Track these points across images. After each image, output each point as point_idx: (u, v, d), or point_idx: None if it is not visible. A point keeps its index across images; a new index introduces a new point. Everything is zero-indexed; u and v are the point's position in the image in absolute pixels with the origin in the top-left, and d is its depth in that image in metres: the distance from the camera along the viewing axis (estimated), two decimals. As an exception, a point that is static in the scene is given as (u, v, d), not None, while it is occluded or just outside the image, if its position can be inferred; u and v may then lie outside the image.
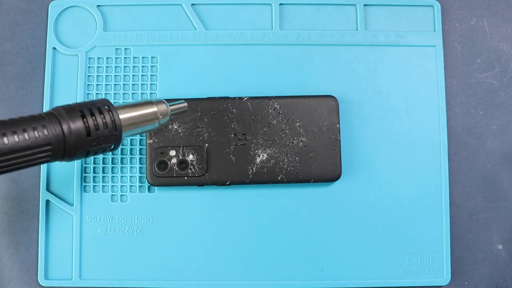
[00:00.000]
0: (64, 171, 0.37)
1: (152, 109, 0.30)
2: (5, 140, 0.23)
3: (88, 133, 0.26)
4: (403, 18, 0.39)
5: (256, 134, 0.36)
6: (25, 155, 0.24)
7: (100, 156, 0.37)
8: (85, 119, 0.26)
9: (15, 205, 0.37)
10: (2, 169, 0.24)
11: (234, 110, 0.36)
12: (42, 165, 0.36)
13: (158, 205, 0.37)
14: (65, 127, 0.25)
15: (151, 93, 0.37)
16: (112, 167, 0.37)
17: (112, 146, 0.28)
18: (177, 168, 0.35)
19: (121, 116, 0.28)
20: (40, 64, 0.38)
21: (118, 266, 0.36)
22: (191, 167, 0.35)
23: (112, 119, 0.27)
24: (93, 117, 0.26)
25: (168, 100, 0.32)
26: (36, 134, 0.24)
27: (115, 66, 0.38)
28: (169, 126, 0.36)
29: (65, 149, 0.25)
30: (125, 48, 0.38)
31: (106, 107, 0.27)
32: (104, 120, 0.27)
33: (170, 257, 0.36)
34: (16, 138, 0.24)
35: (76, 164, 0.37)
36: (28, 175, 0.37)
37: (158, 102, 0.31)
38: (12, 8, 0.39)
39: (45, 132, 0.25)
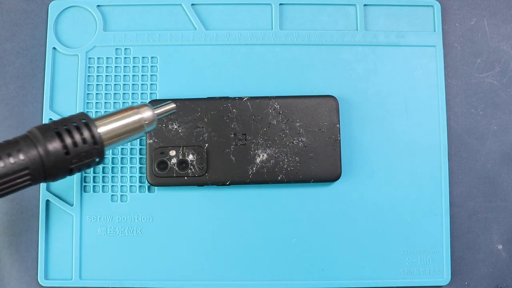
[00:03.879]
0: (64, 171, 0.37)
1: (136, 116, 0.28)
2: None
3: (67, 152, 0.25)
4: (403, 18, 0.39)
5: (256, 134, 0.36)
6: (3, 182, 0.24)
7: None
8: (62, 138, 0.25)
9: (15, 205, 0.37)
10: None
11: (234, 110, 0.36)
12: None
13: (158, 205, 0.37)
14: (41, 149, 0.24)
15: (151, 93, 0.37)
16: (112, 167, 0.37)
17: (97, 160, 0.27)
18: (177, 168, 0.35)
19: (102, 129, 0.26)
20: (40, 64, 0.38)
21: (118, 266, 0.36)
22: (191, 167, 0.35)
23: (91, 133, 0.26)
24: (71, 134, 0.25)
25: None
26: (12, 161, 0.24)
27: (115, 66, 0.38)
28: (169, 126, 0.36)
29: (45, 171, 0.25)
30: (125, 48, 0.38)
31: (83, 121, 0.26)
32: (82, 136, 0.26)
33: (170, 257, 0.36)
34: None
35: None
36: (28, 175, 0.37)
37: (142, 107, 0.28)
38: (12, 8, 0.39)
39: (21, 157, 0.24)
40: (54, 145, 0.25)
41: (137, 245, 0.36)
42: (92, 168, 0.37)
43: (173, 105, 0.30)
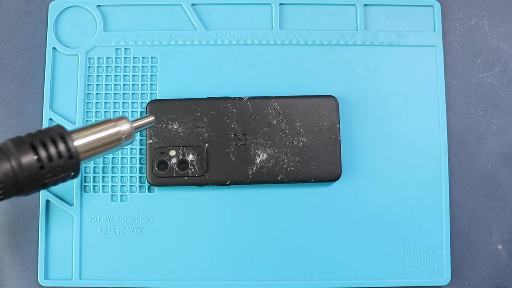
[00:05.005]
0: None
1: (113, 129, 0.27)
2: None
3: (41, 166, 0.24)
4: (403, 18, 0.39)
5: (256, 134, 0.36)
6: None
7: (100, 156, 0.37)
8: (36, 151, 0.24)
9: (15, 205, 0.37)
10: None
11: (234, 110, 0.36)
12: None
13: (158, 205, 0.37)
14: (14, 163, 0.23)
15: (151, 93, 0.37)
16: (112, 167, 0.37)
17: (72, 174, 0.26)
18: (177, 168, 0.35)
19: (78, 142, 0.26)
20: (40, 64, 0.38)
21: (118, 266, 0.36)
22: (191, 167, 0.35)
23: (67, 147, 0.25)
24: (46, 148, 0.24)
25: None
26: None
27: (115, 66, 0.38)
28: (169, 126, 0.36)
29: (17, 185, 0.24)
30: (125, 48, 0.38)
31: (59, 134, 0.25)
32: (58, 150, 0.25)
33: (170, 257, 0.36)
34: None
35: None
36: (28, 175, 0.37)
37: (120, 120, 0.28)
38: (12, 8, 0.39)
39: None
40: (28, 159, 0.24)
41: (137, 245, 0.36)
42: (92, 168, 0.37)
43: (152, 118, 0.29)
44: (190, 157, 0.35)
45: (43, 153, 0.24)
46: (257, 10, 0.39)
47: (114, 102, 0.37)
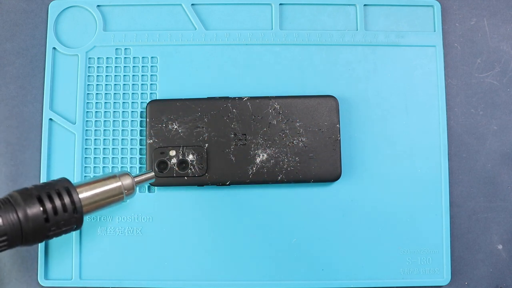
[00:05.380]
0: (64, 171, 0.37)
1: (116, 184, 0.28)
2: None
3: (46, 219, 0.25)
4: (403, 18, 0.39)
5: (256, 134, 0.36)
6: None
7: (100, 156, 0.37)
8: (42, 204, 0.25)
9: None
10: None
11: (234, 110, 0.36)
12: (42, 165, 0.36)
13: (158, 205, 0.37)
14: (21, 214, 0.24)
15: (151, 93, 0.37)
16: (112, 167, 0.37)
17: (74, 227, 0.26)
18: (177, 168, 0.35)
19: (82, 195, 0.26)
20: (40, 64, 0.38)
21: (118, 266, 0.36)
22: (191, 167, 0.35)
23: (72, 201, 0.26)
24: (52, 201, 0.25)
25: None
26: None
27: (115, 66, 0.38)
28: (169, 126, 0.36)
29: (22, 237, 0.24)
30: (125, 48, 0.38)
31: (65, 188, 0.26)
32: (63, 202, 0.25)
33: (170, 257, 0.36)
34: None
35: (76, 164, 0.37)
36: (27, 175, 0.37)
37: (122, 175, 0.29)
38: (12, 8, 0.39)
39: (0, 222, 0.23)
40: (35, 211, 0.24)
41: (137, 245, 0.36)
42: (92, 168, 0.37)
43: (152, 174, 0.31)
44: (190, 157, 0.35)
45: (49, 206, 0.25)
46: (257, 10, 0.39)
47: (114, 102, 0.37)
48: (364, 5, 0.39)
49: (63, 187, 0.26)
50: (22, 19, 0.39)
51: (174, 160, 0.35)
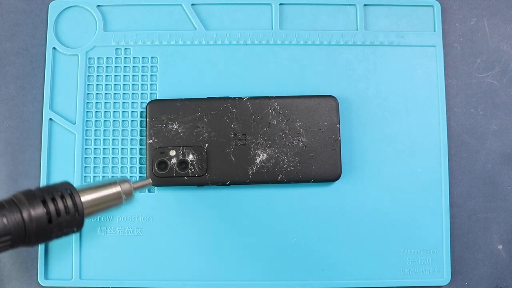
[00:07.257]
0: (64, 171, 0.37)
1: (115, 189, 0.29)
2: None
3: (49, 220, 0.25)
4: (403, 18, 0.39)
5: (256, 134, 0.36)
6: None
7: (100, 156, 0.37)
8: (46, 205, 0.25)
9: (15, 205, 0.37)
10: None
11: (234, 110, 0.36)
12: (42, 164, 0.36)
13: (158, 205, 0.37)
14: (25, 215, 0.24)
15: (151, 93, 0.37)
16: (112, 167, 0.37)
17: (75, 229, 0.27)
18: (177, 168, 0.35)
19: (83, 199, 0.27)
20: (40, 64, 0.38)
21: (118, 266, 0.36)
22: (191, 167, 0.35)
23: (74, 203, 0.26)
24: (55, 203, 0.26)
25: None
26: None
27: (115, 66, 0.38)
28: (169, 126, 0.36)
29: (25, 237, 0.25)
30: (125, 48, 0.38)
31: (68, 191, 0.27)
32: (66, 205, 0.26)
33: (170, 257, 0.36)
34: None
35: (75, 163, 0.37)
36: (27, 175, 0.37)
37: (122, 181, 0.30)
38: (12, 8, 0.39)
39: (5, 221, 0.24)
40: (38, 212, 0.25)
41: (137, 245, 0.36)
42: (92, 168, 0.37)
43: (149, 181, 0.32)
44: (190, 157, 0.35)
45: (52, 207, 0.25)
46: (257, 10, 0.39)
47: (114, 102, 0.37)
48: (364, 5, 0.39)
49: (66, 189, 0.27)
50: (22, 19, 0.39)
51: (174, 160, 0.35)
